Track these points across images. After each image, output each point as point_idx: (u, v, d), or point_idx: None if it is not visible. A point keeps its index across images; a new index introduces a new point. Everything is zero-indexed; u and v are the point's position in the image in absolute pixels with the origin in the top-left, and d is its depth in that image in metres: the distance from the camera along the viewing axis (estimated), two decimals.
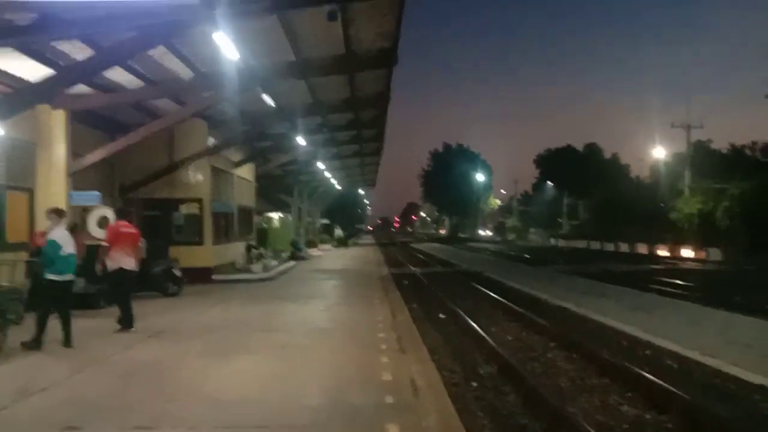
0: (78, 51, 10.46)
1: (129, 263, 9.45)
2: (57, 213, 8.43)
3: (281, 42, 12.22)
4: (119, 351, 7.75)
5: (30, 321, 8.31)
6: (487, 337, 9.38)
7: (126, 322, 9.26)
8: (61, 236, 8.16)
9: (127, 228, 9.71)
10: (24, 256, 11.19)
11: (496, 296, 14.58)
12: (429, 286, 17.41)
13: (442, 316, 12.20)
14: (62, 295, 8.16)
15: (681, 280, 19.75)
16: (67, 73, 10.07)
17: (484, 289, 16.31)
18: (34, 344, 7.82)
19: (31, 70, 10.97)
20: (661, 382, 6.44)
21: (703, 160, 46.01)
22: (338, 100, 18.36)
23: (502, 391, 6.70)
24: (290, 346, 8.00)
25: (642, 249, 42.47)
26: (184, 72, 13.37)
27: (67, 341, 8.04)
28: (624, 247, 45.44)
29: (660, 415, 5.82)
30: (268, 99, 16.09)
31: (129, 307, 9.38)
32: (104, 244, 9.68)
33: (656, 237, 43.48)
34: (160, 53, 12.00)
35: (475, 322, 10.70)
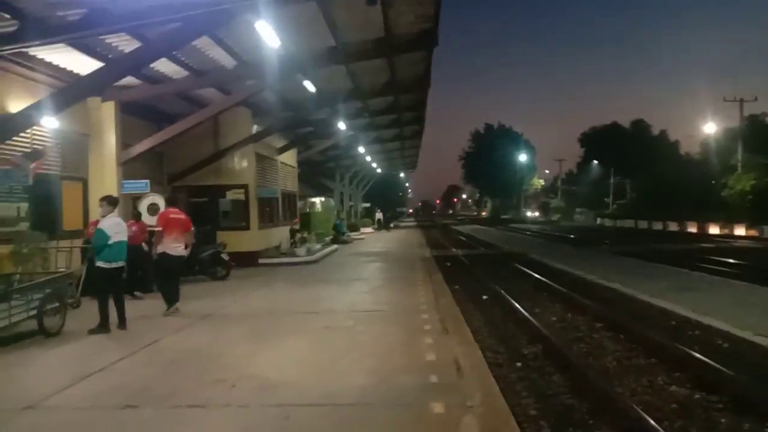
0: (125, 44, 10.81)
1: (177, 249, 9.69)
2: (108, 201, 8.64)
3: (321, 28, 12.30)
4: (170, 334, 8.07)
5: (87, 305, 8.73)
6: (531, 318, 9.36)
7: (169, 303, 9.59)
8: (110, 225, 8.36)
9: (177, 214, 9.94)
10: (79, 243, 11.68)
11: (540, 277, 14.46)
12: (471, 267, 17.41)
13: (485, 297, 12.20)
14: (113, 281, 8.42)
15: (732, 258, 19.15)
16: (115, 65, 10.40)
17: (528, 271, 16.20)
18: (101, 329, 8.16)
19: (82, 64, 11.42)
20: (710, 361, 6.33)
21: (757, 135, 44.22)
22: (378, 85, 18.36)
23: (547, 372, 6.70)
24: (335, 328, 8.17)
25: (692, 228, 41.15)
26: (228, 61, 13.63)
27: (121, 324, 8.41)
28: (673, 226, 44.13)
29: (709, 395, 5.72)
30: (309, 85, 16.25)
31: (168, 291, 9.67)
32: (156, 229, 9.97)
33: (707, 215, 42.09)
34: (204, 43, 12.27)
35: (518, 304, 10.66)
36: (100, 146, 13.55)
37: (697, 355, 6.68)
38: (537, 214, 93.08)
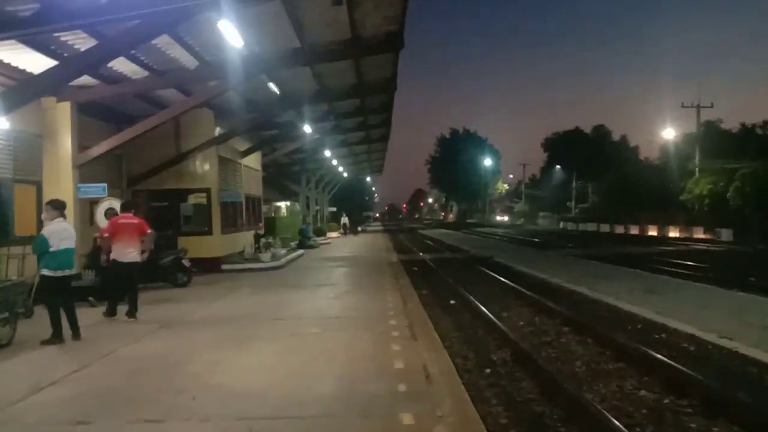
0: (82, 42, 10.40)
1: (128, 255, 9.44)
2: (53, 206, 8.14)
3: (286, 28, 12.09)
4: (129, 343, 7.73)
5: (41, 313, 8.31)
6: (498, 323, 9.30)
7: (110, 312, 9.53)
8: (54, 231, 7.87)
9: (128, 219, 9.71)
10: (30, 249, 11.14)
11: (506, 281, 14.47)
12: (438, 272, 17.34)
13: (452, 302, 12.12)
14: (60, 290, 7.93)
15: (693, 261, 19.59)
16: (70, 64, 9.97)
17: (494, 275, 16.20)
18: (54, 339, 7.78)
19: (35, 63, 10.94)
20: (679, 366, 6.34)
21: (714, 140, 45.57)
22: (345, 87, 18.22)
23: (517, 378, 6.62)
24: (301, 334, 7.95)
25: (653, 231, 42.16)
26: (190, 61, 13.29)
27: (75, 334, 8.00)
28: (634, 230, 45.13)
29: (679, 399, 5.71)
30: (273, 87, 15.98)
31: (114, 298, 9.58)
32: (104, 236, 9.80)
33: (667, 219, 43.18)
34: (164, 43, 11.92)
35: (486, 308, 10.60)
36: (55, 148, 13.02)
37: (665, 359, 6.69)
38: (506, 218, 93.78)
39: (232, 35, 10.68)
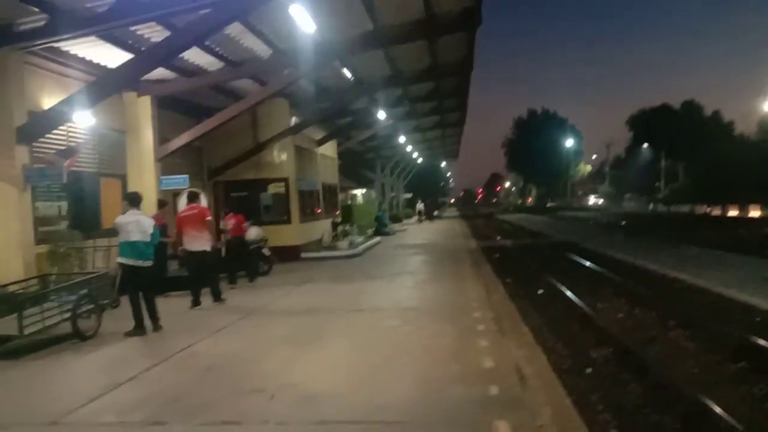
0: (156, 34, 10.43)
1: (195, 245, 9.74)
2: (127, 199, 8.32)
3: (358, 10, 11.69)
4: (206, 336, 7.63)
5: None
6: (594, 315, 8.56)
7: (194, 302, 9.84)
8: (121, 223, 7.98)
9: (188, 211, 10.06)
10: (116, 242, 11.38)
11: (598, 269, 13.53)
12: (522, 259, 16.55)
13: (540, 292, 11.41)
14: (136, 280, 7.99)
15: None
16: (146, 56, 9.99)
17: (584, 261, 15.26)
18: (137, 331, 7.86)
19: (113, 58, 11.11)
20: None
21: None
22: (419, 70, 17.62)
23: (622, 380, 5.94)
24: (380, 328, 7.59)
25: (754, 212, 38.89)
26: (263, 50, 13.18)
27: (155, 326, 8.05)
28: (733, 211, 41.78)
29: None
30: (347, 73, 15.69)
31: (201, 288, 9.88)
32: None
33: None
34: (237, 32, 11.83)
35: (579, 299, 9.86)
36: (137, 142, 13.35)
37: None
38: (601, 200, 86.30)
39: (304, 20, 10.42)
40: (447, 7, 12.64)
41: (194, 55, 12.66)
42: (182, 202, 13.88)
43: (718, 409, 4.79)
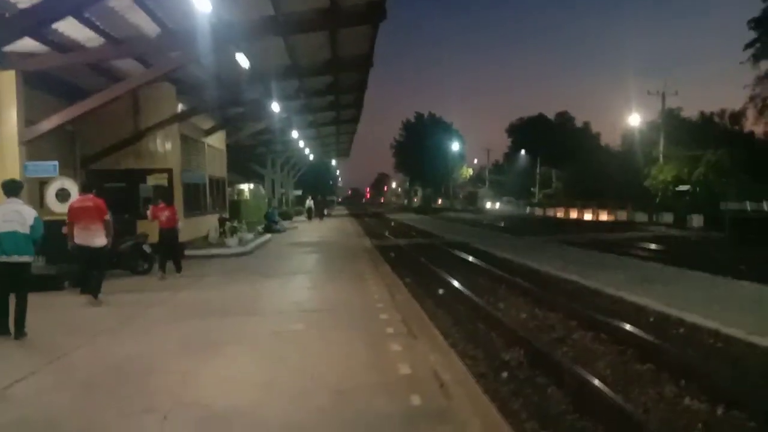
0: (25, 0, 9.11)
1: (88, 239, 9.28)
2: (4, 187, 7.48)
3: None
4: (85, 343, 6.70)
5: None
6: (499, 316, 8.57)
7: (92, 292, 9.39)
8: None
9: (86, 202, 9.50)
10: None
11: (492, 269, 13.77)
12: (418, 258, 16.54)
13: (441, 291, 11.35)
14: (10, 278, 7.09)
15: (675, 247, 19.36)
16: (9, 23, 8.68)
17: (477, 261, 15.52)
18: None
19: None
20: (722, 371, 5.68)
21: (674, 128, 46.10)
22: (318, 62, 17.17)
23: (540, 384, 5.85)
24: (283, 333, 7.04)
25: (621, 216, 42.22)
26: (151, 29, 12.07)
27: (18, 333, 7.00)
28: (602, 215, 45.16)
29: (733, 410, 5.02)
30: (242, 59, 14.81)
31: (90, 283, 9.47)
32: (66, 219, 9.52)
33: (632, 204, 43.46)
34: (123, 5, 10.72)
35: (479, 299, 9.88)
36: None
37: (701, 359, 6.02)
38: (498, 204, 79.00)
39: None
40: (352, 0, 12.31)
41: (71, 28, 11.31)
42: (51, 193, 12.45)
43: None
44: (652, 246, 20.51)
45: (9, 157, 11.72)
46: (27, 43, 11.59)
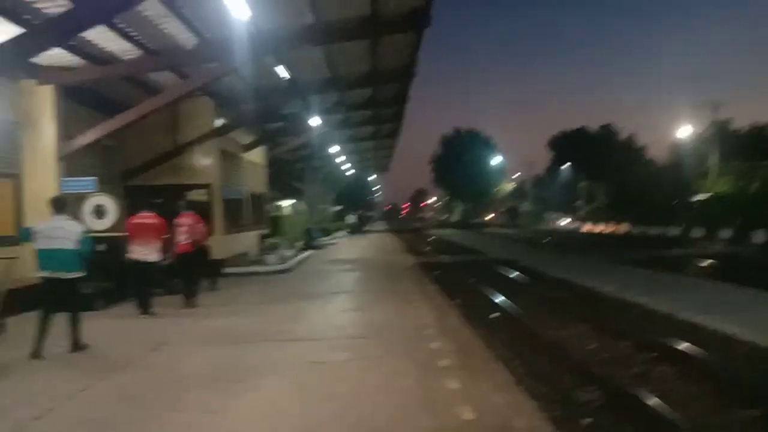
0: (57, 8, 8.74)
1: (143, 254, 9.77)
2: (50, 203, 7.44)
3: (298, 0, 10.51)
4: (104, 373, 6.12)
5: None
6: (564, 345, 7.68)
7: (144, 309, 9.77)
8: (44, 227, 7.10)
9: (142, 219, 10.01)
10: (10, 252, 9.52)
11: (546, 289, 12.81)
12: (465, 277, 15.67)
13: (496, 315, 10.48)
14: (47, 295, 7.03)
15: (745, 266, 17.91)
16: (39, 31, 8.31)
17: (529, 281, 14.55)
18: (35, 353, 6.78)
19: (4, 34, 9.25)
20: None
21: (724, 140, 44.21)
22: (358, 74, 16.63)
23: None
24: (323, 363, 6.34)
25: (672, 231, 40.16)
26: (187, 39, 11.71)
27: (74, 346, 7.11)
28: (654, 230, 43.05)
29: None
30: (281, 71, 14.38)
31: (145, 298, 9.83)
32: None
33: (684, 219, 41.44)
34: (158, 14, 10.35)
35: (540, 325, 8.99)
36: (36, 137, 11.54)
37: None
38: (567, 221, 69.68)
39: (237, 4, 9.14)
40: (394, 6, 11.70)
41: (106, 40, 11.05)
42: (87, 209, 12.12)
43: None
44: (716, 263, 19.11)
45: (45, 172, 11.49)
46: (64, 57, 11.40)
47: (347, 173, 47.43)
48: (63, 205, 7.44)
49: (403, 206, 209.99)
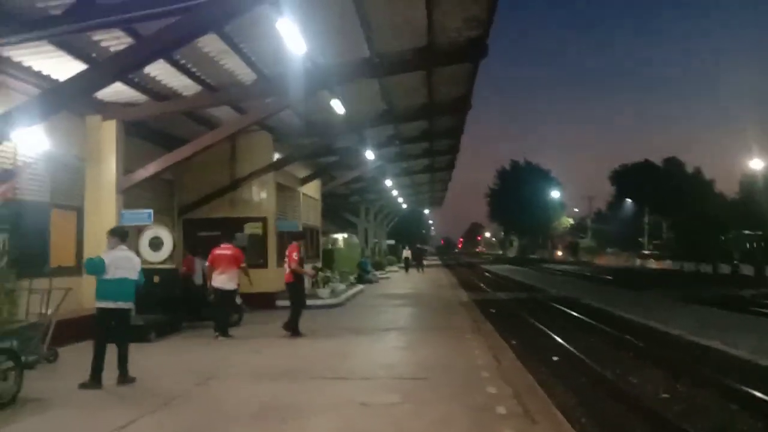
0: (118, 42, 9.00)
1: (222, 282, 10.83)
2: (113, 233, 7.52)
3: (354, 33, 10.53)
4: (153, 409, 5.98)
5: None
6: (631, 392, 7.07)
7: (221, 330, 10.77)
8: (114, 257, 7.17)
9: (222, 250, 11.03)
10: (70, 282, 9.66)
11: (610, 330, 12.08)
12: (522, 315, 15.06)
13: (555, 358, 9.89)
14: (106, 325, 7.07)
15: None
16: (101, 66, 8.55)
17: (590, 320, 13.81)
18: (91, 384, 6.80)
19: (67, 70, 9.54)
20: None
21: None
22: (413, 106, 16.51)
23: None
24: (373, 406, 6.00)
25: (746, 270, 37.78)
26: (246, 74, 11.90)
27: (122, 378, 7.06)
28: (725, 268, 40.63)
29: None
30: (336, 105, 14.44)
31: (221, 320, 10.89)
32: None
33: (759, 257, 39.07)
34: (218, 50, 10.54)
35: (602, 368, 8.39)
36: (99, 171, 11.89)
37: None
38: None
39: (292, 38, 9.17)
40: (451, 35, 11.54)
41: (168, 76, 11.34)
42: (144, 242, 12.31)
43: None
44: None
45: (106, 204, 11.78)
46: (127, 93, 11.77)
47: (402, 207, 47.31)
48: (126, 235, 7.57)
49: (458, 241, 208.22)
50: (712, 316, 14.51)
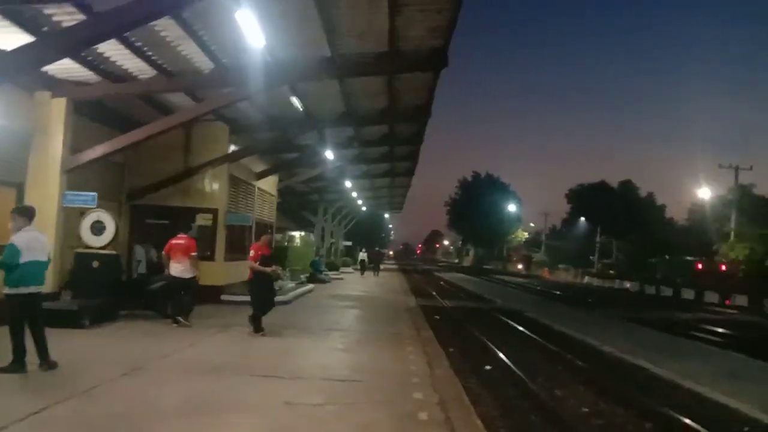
0: (70, 18, 8.75)
1: (180, 272, 11.04)
2: (21, 213, 7.04)
3: (315, 32, 10.51)
4: (71, 396, 5.82)
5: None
6: (555, 407, 7.23)
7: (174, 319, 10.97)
8: (26, 239, 6.74)
9: (178, 240, 11.24)
10: None
11: (549, 345, 12.31)
12: (465, 325, 15.23)
13: (488, 368, 10.03)
14: (24, 311, 6.73)
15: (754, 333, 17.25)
16: (49, 40, 8.31)
17: (531, 334, 14.05)
18: (14, 368, 6.57)
19: (15, 42, 9.25)
20: None
21: (747, 205, 43.41)
22: (374, 110, 16.57)
23: None
24: (298, 405, 5.99)
25: (687, 294, 39.06)
26: (203, 62, 11.72)
27: (42, 362, 6.77)
28: (667, 291, 41.94)
29: None
30: (296, 102, 14.39)
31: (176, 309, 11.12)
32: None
33: (701, 282, 40.42)
34: (175, 36, 10.36)
35: (532, 381, 8.55)
36: (44, 148, 11.55)
37: None
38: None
39: (252, 30, 9.11)
40: (413, 43, 11.65)
41: (123, 57, 11.08)
42: (86, 225, 11.99)
43: None
44: (725, 331, 18.36)
45: (49, 184, 11.44)
46: (79, 72, 11.46)
47: (361, 209, 47.33)
48: (34, 215, 7.16)
49: (417, 247, 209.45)
50: (639, 334, 14.95)
